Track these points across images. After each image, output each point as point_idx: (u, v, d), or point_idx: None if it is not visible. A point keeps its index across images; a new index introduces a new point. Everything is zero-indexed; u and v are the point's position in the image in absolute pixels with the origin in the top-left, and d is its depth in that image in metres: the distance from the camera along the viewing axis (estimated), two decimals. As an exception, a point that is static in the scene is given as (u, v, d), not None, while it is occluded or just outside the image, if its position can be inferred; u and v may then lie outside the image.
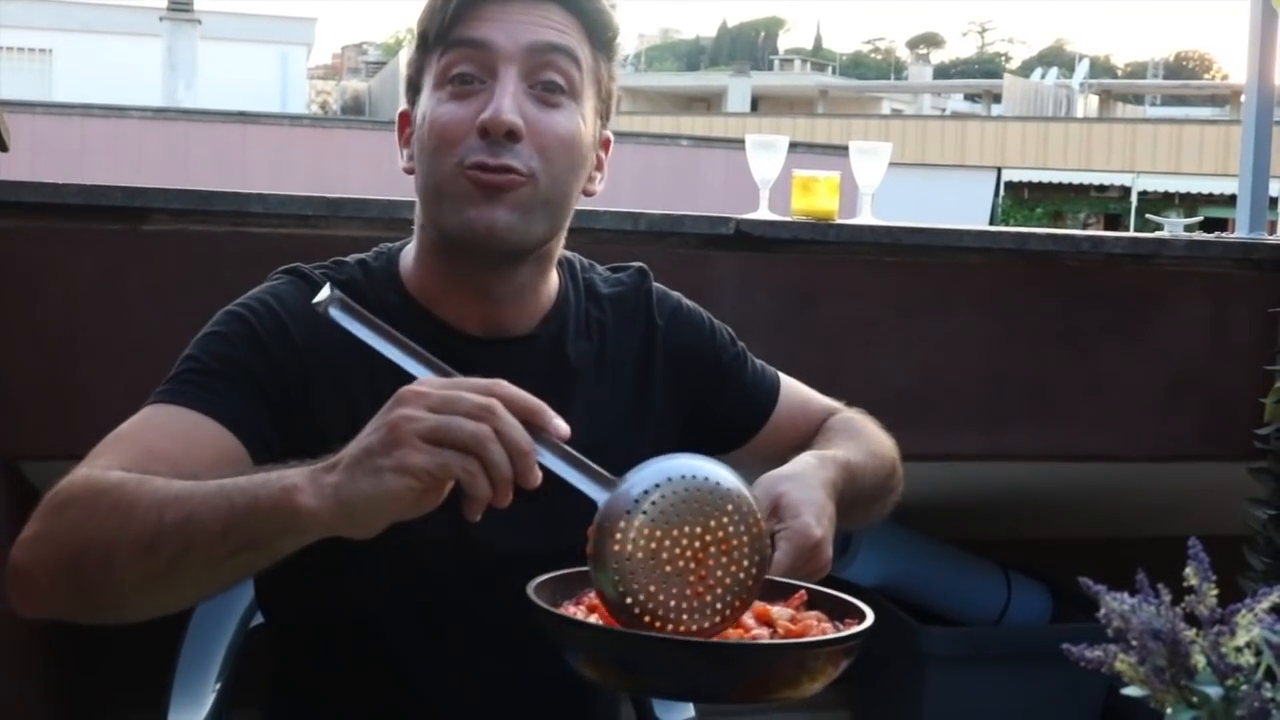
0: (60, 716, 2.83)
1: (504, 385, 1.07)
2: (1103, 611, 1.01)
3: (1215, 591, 1.00)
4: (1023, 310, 2.85)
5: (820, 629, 1.16)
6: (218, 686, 1.63)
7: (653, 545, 1.07)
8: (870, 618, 1.14)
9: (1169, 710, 0.98)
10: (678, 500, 1.09)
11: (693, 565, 1.09)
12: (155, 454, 1.24)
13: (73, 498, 1.17)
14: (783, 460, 1.55)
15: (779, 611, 1.19)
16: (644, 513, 1.07)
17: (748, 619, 1.16)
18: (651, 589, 1.07)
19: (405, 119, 1.46)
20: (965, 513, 3.07)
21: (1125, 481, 3.09)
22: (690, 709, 1.66)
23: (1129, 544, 2.15)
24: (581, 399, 1.47)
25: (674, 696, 1.19)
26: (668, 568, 1.08)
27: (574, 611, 1.15)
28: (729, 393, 1.60)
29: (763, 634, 1.15)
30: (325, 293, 1.14)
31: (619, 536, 1.07)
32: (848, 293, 2.72)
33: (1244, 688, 0.96)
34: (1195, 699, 0.97)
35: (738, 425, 1.61)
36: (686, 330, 1.59)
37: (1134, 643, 0.99)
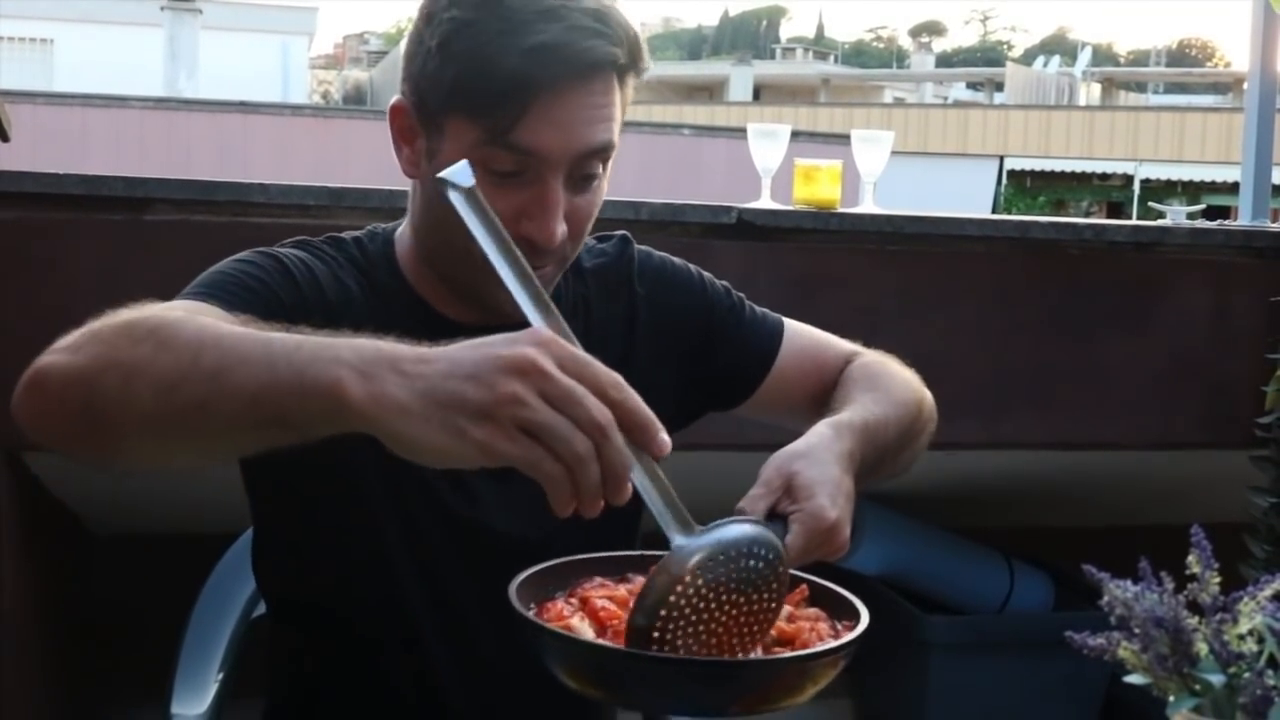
0: (63, 708, 2.84)
1: (626, 394, 0.98)
2: (1105, 599, 1.01)
3: (1218, 579, 1.00)
4: (1025, 298, 2.84)
5: (815, 630, 1.14)
6: (220, 677, 1.63)
7: (701, 604, 1.06)
8: (865, 620, 1.12)
9: (1171, 698, 0.98)
10: (741, 572, 1.07)
11: (728, 628, 1.08)
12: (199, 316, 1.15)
13: (114, 321, 1.09)
14: (799, 412, 1.53)
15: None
16: (710, 574, 1.06)
17: None
18: (681, 639, 1.06)
19: (401, 114, 1.38)
20: (967, 501, 3.07)
21: (1127, 469, 3.09)
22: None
23: (1131, 532, 2.14)
24: None
25: (671, 713, 1.18)
26: (706, 626, 1.07)
27: (563, 608, 1.13)
28: (724, 346, 1.57)
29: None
30: (463, 175, 1.07)
31: (679, 589, 1.05)
32: (849, 281, 2.72)
33: (1246, 675, 0.96)
34: (1198, 686, 0.97)
35: (739, 379, 1.58)
36: (671, 291, 1.56)
37: (1136, 630, 0.99)
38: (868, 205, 2.91)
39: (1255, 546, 2.76)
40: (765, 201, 2.83)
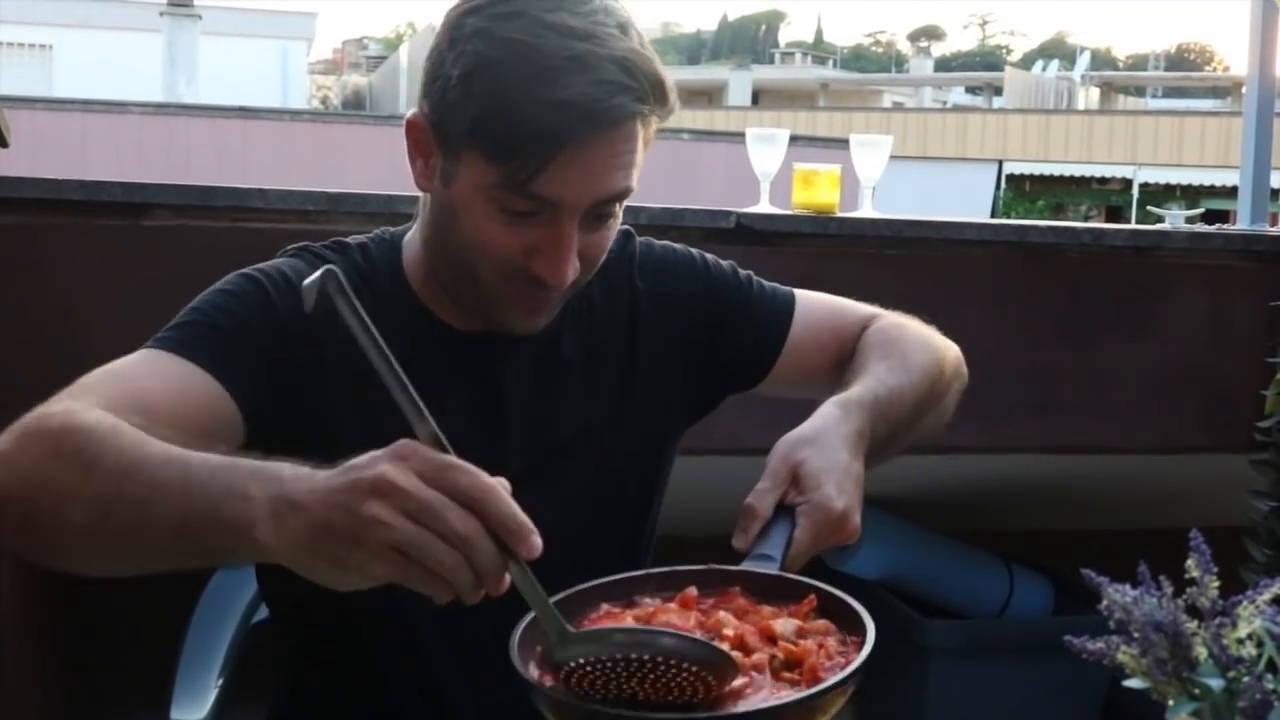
0: (62, 712, 2.83)
1: (492, 499, 0.96)
2: (1105, 603, 1.00)
3: (1217, 583, 1.00)
4: (1024, 302, 2.84)
5: (824, 648, 1.11)
6: (219, 683, 1.63)
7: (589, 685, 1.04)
8: (871, 638, 1.10)
9: (1171, 702, 0.97)
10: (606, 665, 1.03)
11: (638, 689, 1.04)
12: (145, 398, 1.21)
13: (45, 431, 1.12)
14: (821, 383, 1.51)
15: (783, 626, 1.14)
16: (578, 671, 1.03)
17: (751, 638, 1.11)
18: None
19: (418, 129, 1.34)
20: (967, 505, 3.07)
21: (1127, 473, 3.09)
22: None
23: (1130, 536, 2.14)
24: (572, 390, 1.46)
25: None
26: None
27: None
28: (735, 329, 1.55)
29: (762, 661, 1.09)
30: (316, 280, 1.01)
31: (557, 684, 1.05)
32: (848, 286, 2.70)
33: (1246, 679, 0.96)
34: (1197, 691, 0.96)
35: (754, 358, 1.56)
36: (674, 282, 1.54)
37: (1136, 635, 0.99)
38: (866, 210, 2.91)
39: (1255, 550, 2.76)
40: (764, 206, 2.83)
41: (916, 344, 1.53)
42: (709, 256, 1.59)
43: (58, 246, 2.35)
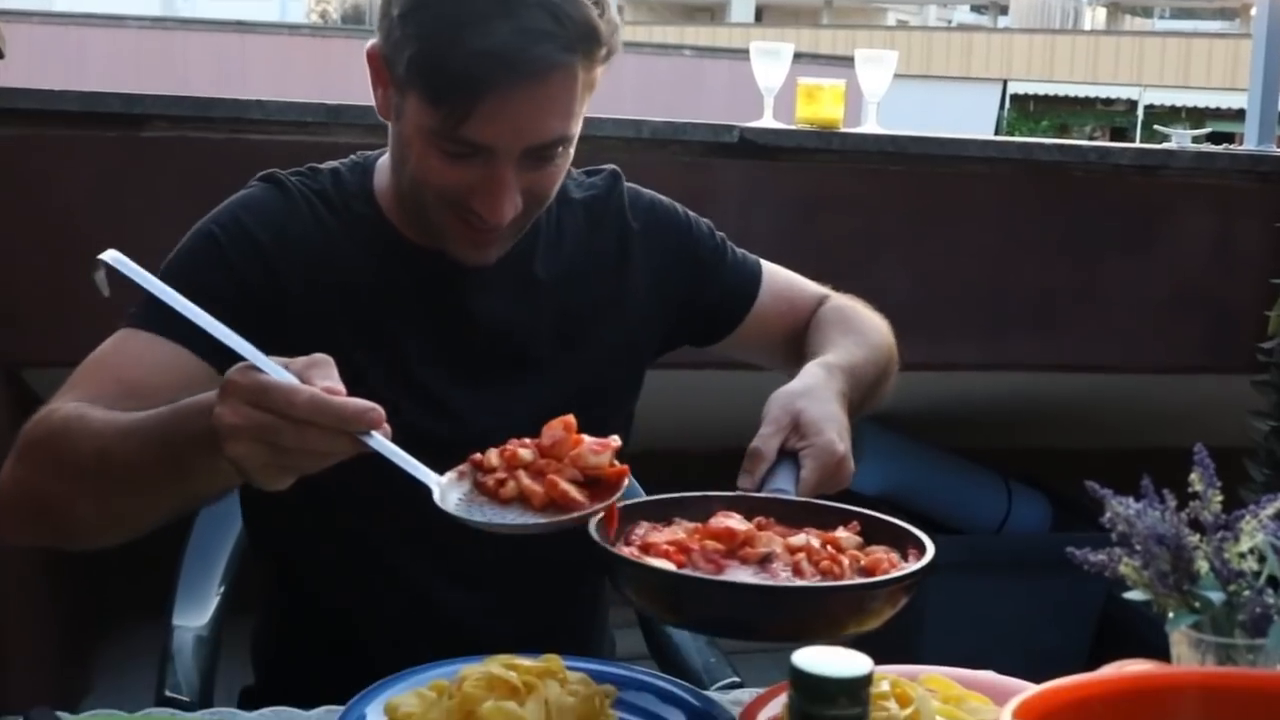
0: (65, 623, 2.86)
1: (309, 405, 1.04)
2: (1107, 516, 1.01)
3: (1220, 497, 1.00)
4: (1027, 221, 2.83)
5: (889, 561, 1.18)
6: (221, 590, 1.63)
7: None
8: (930, 549, 1.19)
9: (1171, 615, 0.98)
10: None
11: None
12: (130, 384, 1.28)
13: (38, 441, 1.24)
14: (773, 350, 1.62)
15: (847, 539, 1.19)
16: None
17: (813, 542, 1.16)
18: None
19: (375, 60, 1.36)
20: (967, 423, 3.08)
21: (1127, 393, 3.09)
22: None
23: (1129, 455, 2.14)
24: (553, 312, 1.48)
25: (732, 636, 1.20)
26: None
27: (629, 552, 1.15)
28: (710, 286, 1.59)
29: (843, 566, 1.15)
30: (101, 271, 1.12)
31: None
32: (851, 202, 2.71)
33: (1246, 593, 0.96)
34: (1197, 604, 0.97)
35: (721, 318, 1.61)
36: (663, 231, 1.57)
37: (1138, 547, 0.99)
38: (871, 126, 2.89)
39: (1255, 471, 2.77)
40: (768, 121, 2.80)
41: (871, 325, 1.60)
42: (690, 212, 1.62)
43: (56, 158, 2.33)
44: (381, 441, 1.06)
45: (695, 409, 2.41)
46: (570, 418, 1.16)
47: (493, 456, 1.14)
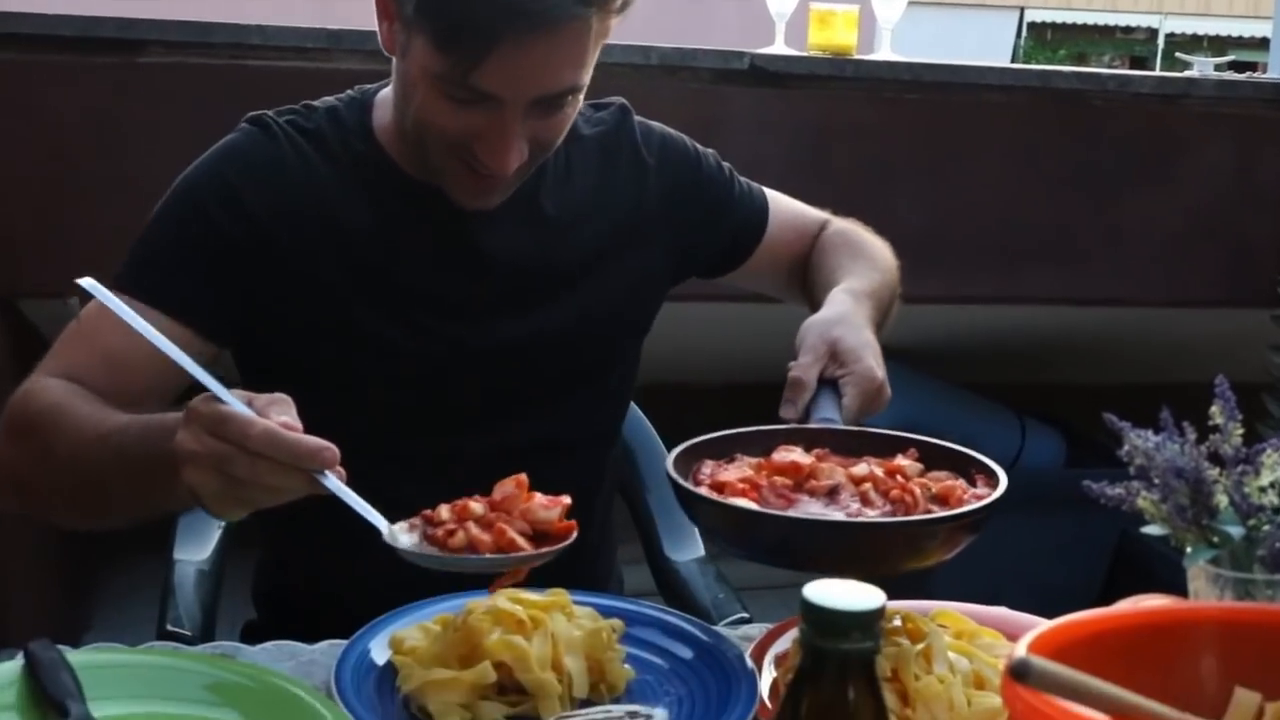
0: (66, 558, 2.86)
1: (266, 440, 1.03)
2: (1125, 449, 0.98)
3: (1241, 430, 0.97)
4: (1045, 151, 2.78)
5: (961, 487, 1.20)
6: (221, 525, 1.62)
7: None
8: (1003, 480, 1.20)
9: (1189, 549, 0.96)
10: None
11: None
12: (111, 354, 1.30)
13: (21, 426, 1.27)
14: (780, 278, 1.63)
15: (911, 467, 1.20)
16: None
17: (876, 471, 1.17)
18: None
19: None
20: (980, 357, 3.05)
21: (1144, 327, 3.05)
22: (700, 547, 1.66)
23: (1145, 391, 2.11)
24: (563, 249, 1.46)
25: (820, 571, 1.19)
26: None
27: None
28: (721, 219, 1.59)
29: (915, 494, 1.15)
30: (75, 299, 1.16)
31: None
32: (865, 131, 2.66)
33: (1266, 528, 0.95)
34: (1216, 538, 0.95)
35: (732, 250, 1.61)
36: (675, 166, 1.56)
37: (1156, 481, 0.97)
38: (885, 52, 2.84)
39: (1274, 406, 2.74)
40: (779, 47, 2.76)
41: (877, 249, 1.60)
42: (698, 145, 1.60)
43: (52, 84, 2.30)
44: (334, 482, 1.06)
45: (703, 341, 2.38)
46: (523, 476, 1.14)
47: (443, 511, 1.13)
